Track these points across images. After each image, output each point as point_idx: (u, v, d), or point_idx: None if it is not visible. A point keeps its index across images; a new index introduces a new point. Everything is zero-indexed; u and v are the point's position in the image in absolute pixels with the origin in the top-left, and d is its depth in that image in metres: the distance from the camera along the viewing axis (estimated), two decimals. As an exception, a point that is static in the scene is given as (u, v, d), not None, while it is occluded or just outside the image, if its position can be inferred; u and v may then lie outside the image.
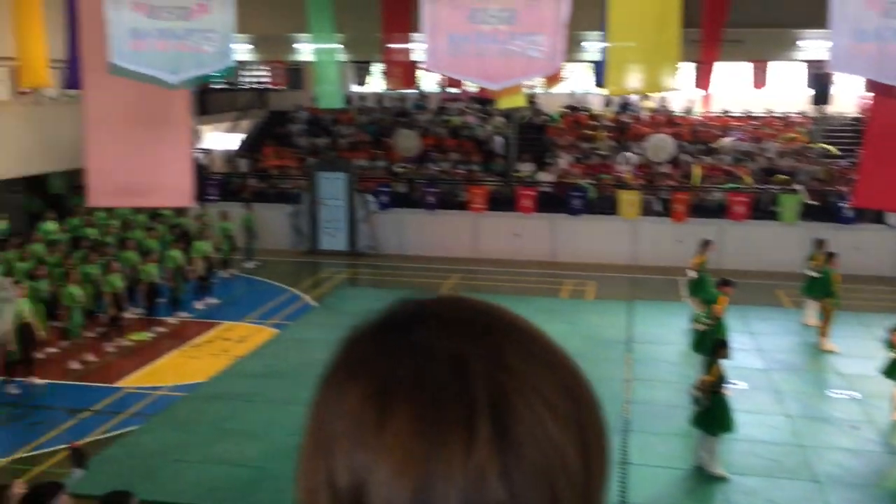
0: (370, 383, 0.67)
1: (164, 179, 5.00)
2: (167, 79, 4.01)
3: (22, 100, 16.57)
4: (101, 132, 4.99)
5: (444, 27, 4.22)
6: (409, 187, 21.18)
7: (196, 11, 3.86)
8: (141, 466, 9.30)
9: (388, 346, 0.69)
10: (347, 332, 0.74)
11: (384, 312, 0.74)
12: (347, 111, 23.99)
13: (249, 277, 18.41)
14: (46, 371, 12.30)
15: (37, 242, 14.94)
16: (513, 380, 0.66)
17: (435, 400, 0.64)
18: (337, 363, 0.71)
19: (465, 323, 0.70)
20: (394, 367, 0.67)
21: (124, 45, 3.91)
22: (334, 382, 0.70)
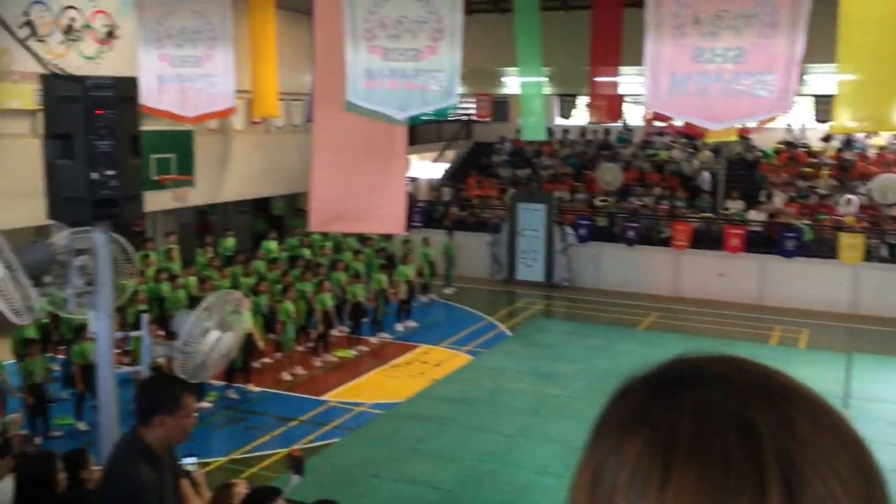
0: (653, 437, 0.68)
1: (380, 207, 5.26)
2: (395, 115, 4.24)
3: (253, 129, 18.11)
4: (325, 162, 5.36)
5: (667, 66, 4.15)
6: (609, 221, 20.90)
7: (425, 52, 4.06)
8: (341, 478, 9.76)
9: (669, 401, 0.70)
10: (623, 382, 0.75)
11: (661, 366, 0.75)
12: (550, 143, 24.12)
13: (448, 303, 18.88)
14: (261, 380, 13.25)
15: (259, 260, 16.18)
16: (804, 450, 0.65)
17: (723, 461, 0.64)
18: (613, 412, 0.73)
19: (751, 385, 0.70)
20: (676, 422, 0.67)
21: (359, 85, 4.19)
22: (612, 431, 0.71)
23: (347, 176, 5.21)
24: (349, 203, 5.27)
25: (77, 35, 14.11)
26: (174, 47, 4.98)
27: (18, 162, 12.86)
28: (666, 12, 4.19)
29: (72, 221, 4.92)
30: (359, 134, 4.98)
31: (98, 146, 4.55)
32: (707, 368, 0.73)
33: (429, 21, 4.05)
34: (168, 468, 3.82)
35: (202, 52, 4.92)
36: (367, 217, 5.35)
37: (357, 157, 5.13)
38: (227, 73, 5.01)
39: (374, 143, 5.03)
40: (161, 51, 5.07)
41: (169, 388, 3.80)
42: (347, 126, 4.90)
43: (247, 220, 22.94)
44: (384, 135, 4.87)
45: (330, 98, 5.01)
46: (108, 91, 4.59)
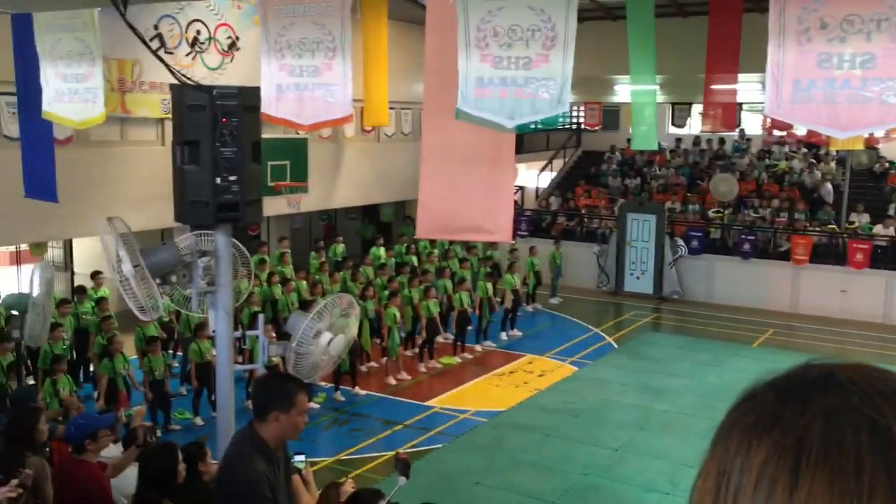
0: (781, 441, 0.67)
1: (487, 216, 5.28)
2: (504, 124, 4.25)
3: (364, 137, 18.51)
4: (433, 170, 5.42)
5: (790, 72, 4.00)
6: (722, 233, 20.26)
7: (537, 61, 4.06)
8: (443, 483, 9.82)
9: (799, 406, 0.69)
10: (748, 387, 0.75)
11: (790, 371, 0.75)
12: (661, 153, 23.61)
13: (553, 313, 18.73)
14: (367, 384, 13.51)
15: (367, 266, 16.51)
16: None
17: (855, 466, 0.64)
18: (739, 416, 0.73)
19: (883, 393, 0.69)
20: (806, 427, 0.67)
21: (469, 93, 4.23)
22: (739, 434, 0.71)
23: (455, 184, 5.26)
24: (456, 211, 5.31)
25: (202, 47, 14.81)
26: (294, 57, 5.17)
27: (147, 168, 13.60)
28: (790, 17, 4.04)
29: (197, 224, 5.18)
30: (467, 143, 5.02)
31: (222, 152, 4.78)
32: (838, 374, 0.72)
33: (542, 29, 4.05)
34: (281, 463, 3.95)
35: (321, 61, 5.07)
36: (474, 225, 5.38)
37: (465, 166, 5.17)
38: (346, 82, 5.15)
39: (482, 152, 5.05)
40: (281, 61, 5.27)
41: (284, 385, 3.93)
42: (456, 135, 4.95)
43: (356, 226, 23.46)
44: (492, 144, 4.89)
45: (439, 107, 5.08)
46: (232, 100, 4.81)
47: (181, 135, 5.03)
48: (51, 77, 6.16)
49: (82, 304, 12.90)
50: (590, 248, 20.77)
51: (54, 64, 6.12)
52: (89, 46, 5.87)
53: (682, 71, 16.28)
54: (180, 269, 5.18)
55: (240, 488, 3.72)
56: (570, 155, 26.20)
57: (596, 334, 17.00)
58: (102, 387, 10.85)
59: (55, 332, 11.00)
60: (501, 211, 5.23)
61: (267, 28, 5.34)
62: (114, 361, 10.86)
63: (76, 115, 6.24)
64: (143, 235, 10.43)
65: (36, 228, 12.75)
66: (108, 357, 10.94)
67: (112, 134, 13.78)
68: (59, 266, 17.17)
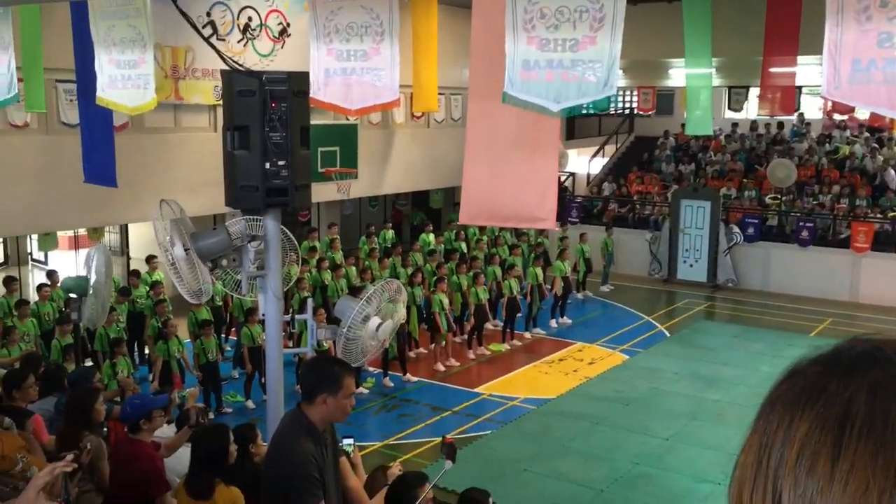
0: (825, 413, 0.67)
1: (530, 203, 5.21)
2: (550, 107, 4.18)
3: (413, 123, 18.52)
4: (477, 155, 5.38)
5: (849, 52, 3.85)
6: (780, 220, 19.80)
7: (584, 43, 3.99)
8: (491, 470, 9.81)
9: (844, 380, 0.68)
10: (793, 362, 0.74)
11: (836, 347, 0.74)
12: (716, 138, 23.14)
13: (604, 301, 18.56)
14: (417, 369, 13.57)
15: (416, 252, 16.54)
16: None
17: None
18: (784, 389, 0.72)
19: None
20: (850, 400, 0.66)
21: (516, 76, 4.18)
22: (782, 407, 0.71)
23: (499, 170, 5.21)
24: (500, 197, 5.26)
25: (253, 34, 14.95)
26: (342, 42, 5.17)
27: (199, 154, 13.81)
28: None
29: (247, 209, 5.24)
30: (511, 128, 4.95)
31: (271, 137, 4.82)
32: (886, 350, 0.71)
33: (590, 10, 3.97)
34: (329, 445, 3.98)
35: (369, 46, 5.06)
36: (518, 212, 5.32)
37: (509, 151, 5.11)
38: (393, 66, 5.13)
39: (526, 138, 4.99)
40: (329, 45, 5.27)
41: (331, 368, 3.95)
42: (501, 120, 4.89)
43: (406, 212, 23.52)
44: (536, 129, 4.83)
45: (484, 91, 5.03)
46: (282, 85, 4.83)
47: (231, 120, 5.08)
48: (105, 63, 6.28)
49: (137, 288, 13.20)
50: (642, 235, 20.49)
51: (108, 50, 6.24)
52: (141, 33, 5.96)
53: (739, 53, 15.91)
54: (231, 254, 5.24)
55: (288, 469, 3.76)
56: (623, 140, 25.85)
57: (647, 322, 16.79)
58: (157, 369, 11.10)
59: (109, 315, 11.29)
60: (546, 198, 5.16)
61: (316, 13, 5.35)
62: (168, 344, 11.09)
63: (129, 101, 6.35)
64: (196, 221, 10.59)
65: (93, 214, 13.06)
66: (163, 340, 11.17)
67: (166, 120, 14.02)
68: (115, 251, 17.61)
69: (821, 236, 18.92)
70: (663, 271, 20.09)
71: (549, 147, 5.02)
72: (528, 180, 5.16)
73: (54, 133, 12.48)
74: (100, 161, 8.05)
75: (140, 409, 5.22)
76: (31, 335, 11.20)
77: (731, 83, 20.67)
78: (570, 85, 4.11)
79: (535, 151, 5.12)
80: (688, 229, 19.75)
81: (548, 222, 5.21)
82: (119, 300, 12.35)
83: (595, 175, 24.48)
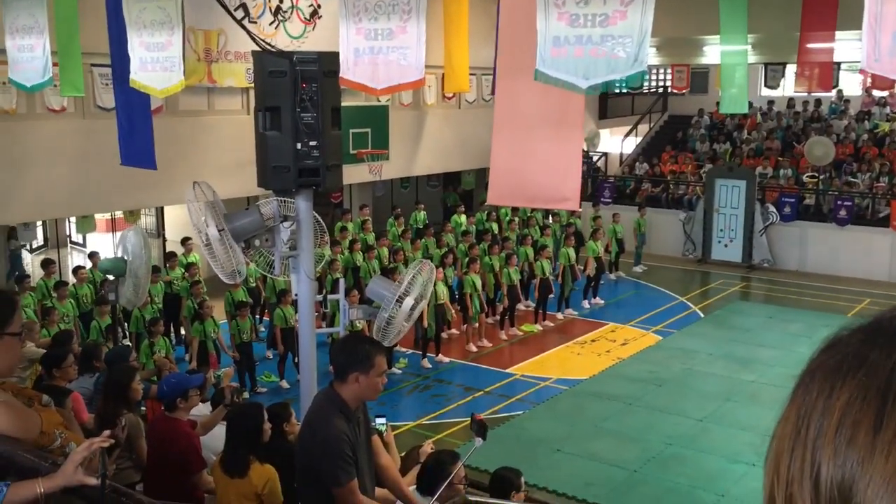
0: (866, 383, 0.65)
1: (554, 184, 5.16)
2: (580, 84, 4.13)
3: (445, 103, 18.45)
4: (504, 135, 5.33)
5: (890, 24, 3.73)
6: (817, 199, 19.47)
7: (615, 17, 3.92)
8: (523, 450, 9.83)
9: (888, 349, 0.66)
10: (834, 331, 0.73)
11: (878, 316, 0.72)
12: (752, 116, 22.76)
13: (637, 281, 18.43)
14: (449, 350, 13.61)
15: (448, 233, 16.54)
16: None
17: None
18: (822, 360, 0.70)
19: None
20: (893, 369, 0.64)
21: (547, 53, 4.13)
22: (822, 377, 0.69)
23: (524, 150, 5.16)
24: (525, 177, 5.20)
25: (285, 16, 14.97)
26: (370, 21, 5.14)
27: (232, 136, 13.90)
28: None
29: (279, 189, 5.26)
30: (536, 106, 4.89)
31: (303, 118, 4.83)
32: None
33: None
34: (361, 423, 4.01)
35: (395, 24, 5.03)
36: (541, 192, 5.26)
37: (533, 131, 5.05)
38: (419, 45, 5.09)
39: (551, 116, 4.92)
40: (358, 25, 5.25)
41: (362, 347, 3.97)
42: (526, 98, 4.84)
43: (438, 193, 23.49)
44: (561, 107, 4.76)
45: (512, 69, 4.97)
46: (312, 65, 4.84)
47: (263, 101, 5.10)
48: (136, 46, 6.33)
49: (174, 269, 13.37)
50: (676, 215, 20.28)
51: (139, 33, 6.28)
52: (170, 15, 5.99)
53: (776, 29, 15.58)
54: (263, 234, 5.28)
55: (321, 447, 3.79)
56: (656, 119, 25.54)
57: (681, 303, 16.65)
58: (194, 349, 11.26)
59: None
60: (569, 177, 5.09)
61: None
62: (204, 325, 11.23)
63: (158, 84, 6.40)
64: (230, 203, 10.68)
65: (129, 196, 13.23)
66: (199, 321, 11.33)
67: (199, 103, 14.12)
68: (151, 233, 17.83)
69: (859, 215, 18.57)
70: (697, 251, 19.88)
71: (572, 126, 4.95)
72: (552, 160, 5.11)
73: (91, 117, 12.63)
74: (138, 144, 8.14)
75: (176, 387, 5.30)
76: (71, 316, 11.43)
77: (768, 60, 20.28)
78: (598, 61, 4.05)
79: (559, 130, 5.06)
80: (722, 209, 19.50)
81: (571, 202, 5.15)
82: (153, 279, 12.54)
83: (628, 155, 24.24)
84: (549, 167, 5.03)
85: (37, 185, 12.08)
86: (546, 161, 5.03)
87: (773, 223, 19.06)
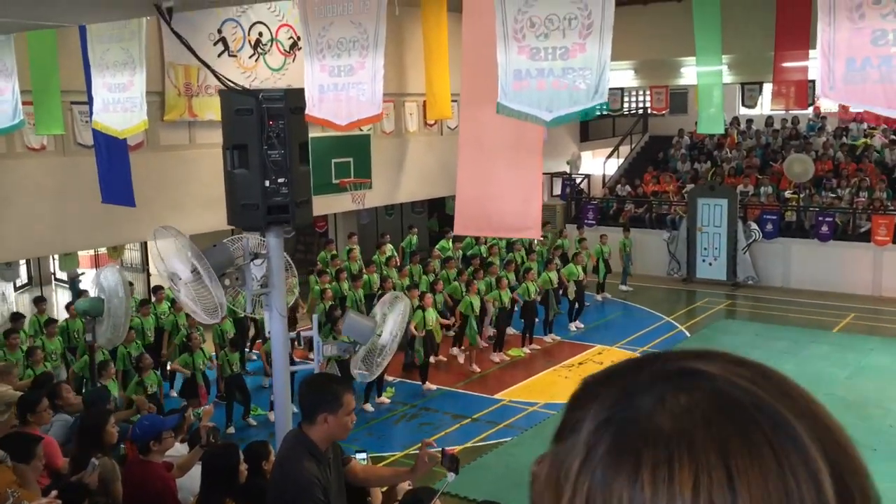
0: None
1: (515, 211, 5.15)
2: (543, 116, 4.16)
3: (427, 131, 18.53)
4: (468, 164, 5.34)
5: (843, 51, 3.78)
6: (798, 215, 19.59)
7: (574, 50, 3.95)
8: (512, 476, 9.74)
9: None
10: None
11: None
12: (731, 135, 22.94)
13: (623, 302, 18.44)
14: (438, 375, 13.54)
15: (435, 258, 16.51)
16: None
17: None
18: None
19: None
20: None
21: (509, 86, 4.15)
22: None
23: (488, 179, 5.17)
24: (489, 207, 5.19)
25: (265, 48, 15.04)
26: (333, 57, 5.17)
27: (213, 170, 13.81)
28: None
29: (248, 227, 5.25)
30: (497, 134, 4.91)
31: (270, 155, 4.83)
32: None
33: (579, 17, 3.93)
34: (332, 464, 3.96)
35: (355, 60, 5.06)
36: (505, 221, 5.25)
37: (496, 160, 5.07)
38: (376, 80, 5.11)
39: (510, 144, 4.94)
40: (322, 62, 5.28)
41: (330, 387, 3.94)
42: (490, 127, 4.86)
43: (423, 220, 23.50)
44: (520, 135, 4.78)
45: (476, 98, 5.00)
46: (278, 103, 4.85)
47: (231, 139, 5.10)
48: (99, 87, 6.33)
49: (160, 304, 13.29)
50: (660, 234, 20.36)
51: (102, 74, 6.29)
52: (132, 56, 6.00)
53: (751, 49, 15.79)
54: (233, 273, 5.26)
55: (292, 492, 3.74)
56: (637, 140, 25.71)
57: (668, 323, 16.65)
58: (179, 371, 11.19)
59: (129, 333, 11.40)
60: (530, 205, 5.09)
61: (308, 29, 5.36)
62: (193, 357, 11.17)
63: (119, 125, 6.41)
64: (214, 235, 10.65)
65: (111, 232, 13.18)
66: (188, 353, 11.26)
67: (181, 138, 14.13)
68: (136, 267, 17.74)
69: (841, 230, 18.69)
70: (682, 270, 19.93)
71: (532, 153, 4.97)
72: (513, 188, 5.10)
73: (71, 154, 12.61)
74: (117, 182, 8.14)
75: (149, 430, 5.24)
76: (58, 353, 11.34)
77: (744, 79, 20.48)
78: (561, 93, 4.07)
79: (519, 158, 5.06)
80: (706, 228, 19.59)
81: (533, 231, 5.15)
82: (143, 312, 12.49)
83: (610, 176, 24.35)
84: (511, 195, 5.04)
85: (18, 224, 12.03)
86: (508, 189, 5.04)
87: (755, 240, 19.15)
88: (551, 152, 23.46)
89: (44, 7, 5.09)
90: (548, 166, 23.52)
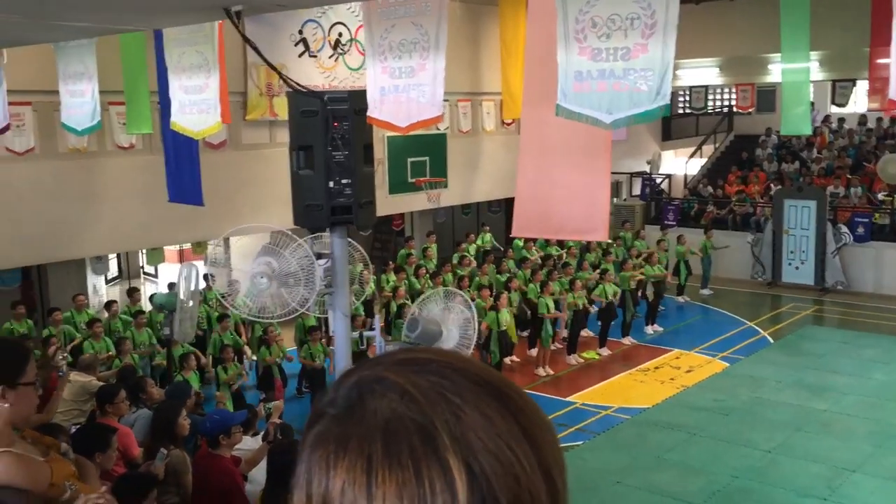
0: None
1: (579, 213, 5.04)
2: (603, 118, 4.06)
3: (503, 130, 18.44)
4: (529, 164, 5.26)
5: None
6: (892, 218, 18.70)
7: (636, 51, 3.84)
8: (583, 482, 9.62)
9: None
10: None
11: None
12: (821, 134, 22.08)
13: (703, 305, 17.97)
14: (513, 377, 13.45)
15: (510, 258, 16.44)
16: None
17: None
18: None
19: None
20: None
21: (569, 88, 4.07)
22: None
23: (551, 180, 5.08)
24: (551, 208, 5.11)
25: (344, 49, 15.24)
26: (394, 59, 5.18)
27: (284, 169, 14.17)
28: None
29: (312, 227, 5.32)
30: (563, 136, 4.83)
31: (334, 156, 4.88)
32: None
33: (641, 17, 3.82)
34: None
35: (416, 62, 5.05)
36: (569, 223, 5.15)
37: (560, 160, 4.98)
38: (436, 82, 5.10)
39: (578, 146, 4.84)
40: (384, 63, 5.30)
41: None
42: (553, 128, 4.78)
43: (500, 218, 23.41)
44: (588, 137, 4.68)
45: (538, 98, 4.92)
46: (343, 104, 4.90)
47: (296, 140, 5.17)
48: (176, 90, 6.53)
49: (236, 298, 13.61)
50: (743, 237, 19.75)
51: (178, 77, 6.48)
52: (207, 59, 6.17)
53: (844, 45, 15.13)
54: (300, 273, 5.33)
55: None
56: (722, 140, 25.01)
57: (750, 328, 16.14)
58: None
59: (223, 322, 11.77)
60: (596, 208, 4.97)
61: (371, 31, 5.40)
62: (270, 350, 11.40)
63: (195, 126, 6.59)
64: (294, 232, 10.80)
65: (195, 229, 13.58)
66: (265, 346, 11.50)
67: (262, 136, 14.45)
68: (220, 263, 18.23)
69: (940, 234, 17.77)
70: (767, 274, 19.29)
71: (600, 155, 4.86)
72: (579, 190, 5.01)
73: (158, 153, 13.02)
74: (184, 181, 8.37)
75: (219, 424, 5.36)
76: (146, 344, 11.74)
77: (836, 76, 19.64)
78: (622, 95, 3.97)
79: (586, 159, 4.97)
80: (792, 230, 18.90)
81: (598, 234, 5.03)
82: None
83: (693, 176, 23.77)
84: (576, 197, 4.94)
85: (108, 220, 12.53)
86: (573, 191, 4.95)
87: (846, 244, 18.38)
88: (631, 151, 23.05)
89: (114, 12, 5.27)
90: (628, 165, 23.13)
